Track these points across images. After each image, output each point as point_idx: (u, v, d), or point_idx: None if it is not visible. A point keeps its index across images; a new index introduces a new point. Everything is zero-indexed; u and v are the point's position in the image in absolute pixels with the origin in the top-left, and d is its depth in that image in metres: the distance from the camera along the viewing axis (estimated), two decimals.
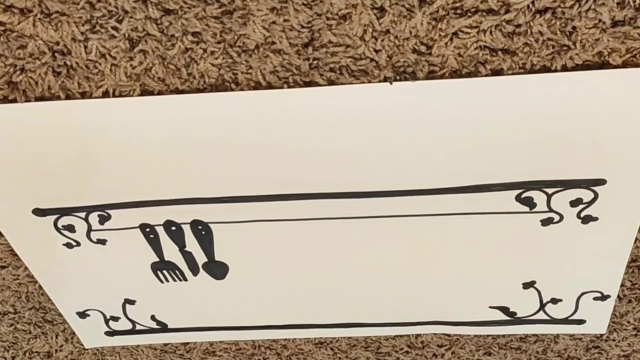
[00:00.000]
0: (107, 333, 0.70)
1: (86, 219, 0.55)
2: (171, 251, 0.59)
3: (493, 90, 0.44)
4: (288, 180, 0.51)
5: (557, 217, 0.53)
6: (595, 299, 0.61)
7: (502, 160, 0.48)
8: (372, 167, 0.49)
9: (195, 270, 0.61)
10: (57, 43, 0.45)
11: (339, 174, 0.50)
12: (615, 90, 0.43)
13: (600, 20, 0.42)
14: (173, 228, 0.56)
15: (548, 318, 0.64)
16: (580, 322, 0.65)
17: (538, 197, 0.51)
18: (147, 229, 0.56)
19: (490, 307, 0.63)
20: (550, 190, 0.51)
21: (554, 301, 0.62)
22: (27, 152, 0.50)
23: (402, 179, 0.50)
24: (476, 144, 0.47)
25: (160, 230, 0.57)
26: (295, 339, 0.71)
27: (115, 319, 0.68)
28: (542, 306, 0.63)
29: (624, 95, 0.43)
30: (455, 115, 0.45)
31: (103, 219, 0.55)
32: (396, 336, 0.70)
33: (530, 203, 0.52)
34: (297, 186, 0.51)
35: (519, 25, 0.42)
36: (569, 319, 0.64)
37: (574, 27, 0.42)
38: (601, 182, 0.50)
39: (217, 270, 0.61)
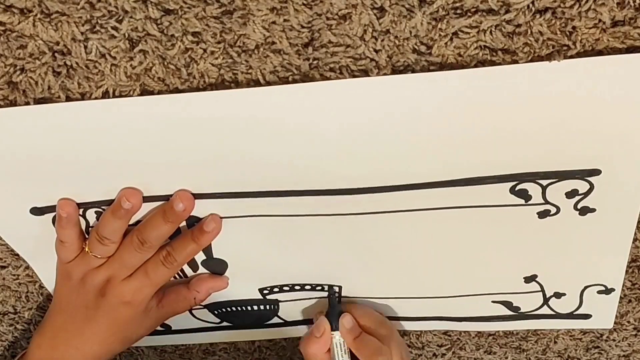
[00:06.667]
0: None
1: (84, 216, 0.55)
2: None
3: (483, 82, 0.43)
4: (282, 177, 0.51)
5: (553, 209, 0.53)
6: (599, 292, 0.61)
7: (494, 152, 0.48)
8: (363, 163, 0.49)
9: (194, 268, 0.61)
10: (57, 43, 0.45)
11: (332, 170, 0.50)
12: (607, 78, 0.43)
13: (600, 20, 0.42)
14: None
15: (553, 313, 0.64)
16: (586, 316, 0.64)
17: (533, 189, 0.51)
18: None
19: (493, 302, 0.63)
20: (544, 182, 0.50)
21: (558, 295, 0.62)
22: (23, 153, 0.49)
23: (394, 174, 0.50)
24: (467, 136, 0.47)
25: None
26: (295, 338, 0.71)
27: None
28: (546, 300, 0.63)
29: (617, 83, 0.43)
30: (445, 108, 0.45)
31: (100, 216, 0.55)
32: None
33: (525, 195, 0.52)
34: (291, 183, 0.51)
35: (519, 25, 0.42)
36: (574, 313, 0.64)
37: (574, 27, 0.42)
38: (596, 172, 0.49)
39: (217, 267, 0.61)
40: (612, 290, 0.61)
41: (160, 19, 0.43)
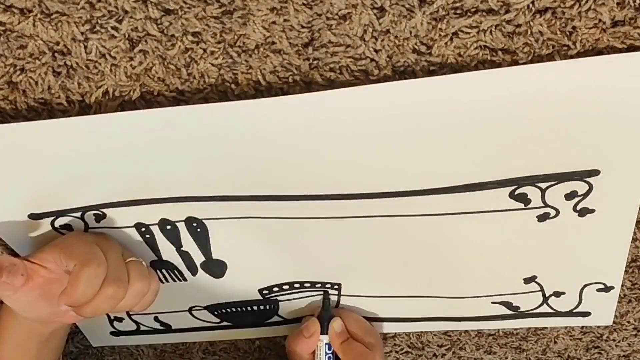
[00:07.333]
0: (112, 333, 0.70)
1: (82, 218, 0.55)
2: (169, 252, 0.59)
3: (482, 85, 0.43)
4: (282, 182, 0.51)
5: (553, 212, 0.53)
6: (598, 290, 0.61)
7: (494, 156, 0.48)
8: (362, 169, 0.49)
9: (193, 271, 0.61)
10: (57, 43, 0.45)
11: (332, 176, 0.50)
12: (607, 78, 0.43)
13: (600, 20, 0.42)
14: (168, 227, 0.56)
15: (552, 311, 0.64)
16: (586, 314, 0.64)
17: (532, 192, 0.51)
18: (143, 229, 0.56)
19: (493, 303, 0.63)
20: (543, 185, 0.50)
21: (557, 294, 0.62)
22: (21, 166, 0.49)
23: (394, 181, 0.50)
24: (466, 141, 0.47)
25: (156, 230, 0.57)
26: None
27: (119, 319, 0.68)
28: (545, 299, 0.63)
29: (617, 83, 0.43)
30: (444, 113, 0.45)
31: (99, 218, 0.55)
32: (396, 335, 0.70)
33: (524, 199, 0.51)
34: (290, 188, 0.51)
35: (519, 25, 0.42)
36: (574, 311, 0.64)
37: (574, 27, 0.42)
38: (595, 173, 0.49)
39: (216, 268, 0.61)
40: (612, 288, 0.61)
41: (160, 19, 0.43)
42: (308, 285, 0.63)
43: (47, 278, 0.52)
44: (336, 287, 0.63)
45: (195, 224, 0.56)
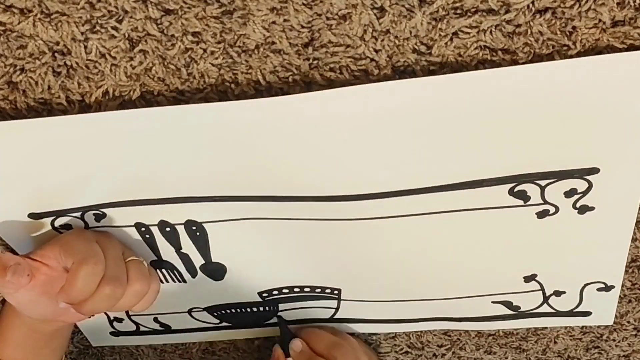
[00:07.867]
0: (112, 333, 0.70)
1: (82, 218, 0.55)
2: (168, 253, 0.59)
3: (482, 84, 0.43)
4: (281, 182, 0.51)
5: (552, 209, 0.53)
6: (599, 289, 0.61)
7: (493, 154, 0.48)
8: (362, 169, 0.49)
9: (193, 273, 0.61)
10: (57, 43, 0.45)
11: (331, 176, 0.50)
12: (607, 77, 0.43)
13: (600, 20, 0.42)
14: (167, 229, 0.56)
15: (553, 311, 0.64)
16: (586, 314, 0.64)
17: (532, 189, 0.51)
18: (143, 229, 0.56)
19: (493, 302, 0.63)
20: (543, 182, 0.50)
21: (557, 293, 0.62)
22: (21, 163, 0.49)
23: (393, 180, 0.50)
24: (465, 139, 0.47)
25: (155, 231, 0.57)
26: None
27: (119, 320, 0.68)
28: (546, 299, 0.63)
29: (616, 82, 0.43)
30: (443, 111, 0.45)
31: (99, 217, 0.55)
32: (396, 335, 0.70)
33: (524, 196, 0.52)
34: (289, 189, 0.51)
35: (519, 25, 0.42)
36: (574, 311, 0.64)
37: (574, 27, 0.42)
38: (594, 170, 0.49)
39: (216, 271, 0.61)
40: (612, 287, 0.61)
41: (160, 19, 0.43)
42: (308, 290, 0.63)
43: (48, 275, 0.52)
44: (336, 292, 0.63)
45: (194, 227, 0.56)
